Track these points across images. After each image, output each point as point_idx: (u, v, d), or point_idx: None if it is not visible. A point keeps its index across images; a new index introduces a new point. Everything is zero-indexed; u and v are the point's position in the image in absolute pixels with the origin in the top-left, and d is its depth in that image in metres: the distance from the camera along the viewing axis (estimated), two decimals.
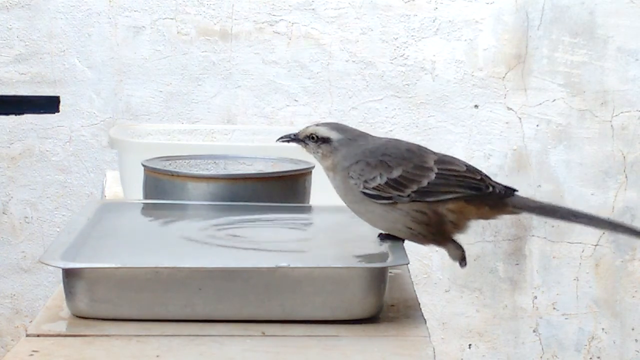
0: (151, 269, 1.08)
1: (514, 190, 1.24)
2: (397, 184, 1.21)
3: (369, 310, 1.11)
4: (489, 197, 1.22)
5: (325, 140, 1.27)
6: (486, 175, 1.24)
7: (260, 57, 2.71)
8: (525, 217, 2.71)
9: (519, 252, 2.75)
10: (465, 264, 1.24)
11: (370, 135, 1.29)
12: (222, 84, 2.72)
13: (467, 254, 1.24)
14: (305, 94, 2.72)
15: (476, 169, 1.24)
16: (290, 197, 1.41)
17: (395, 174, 1.21)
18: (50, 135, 2.72)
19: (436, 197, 1.21)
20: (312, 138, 1.28)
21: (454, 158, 1.25)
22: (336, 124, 1.30)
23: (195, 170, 1.44)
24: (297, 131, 1.30)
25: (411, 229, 1.21)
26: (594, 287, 2.76)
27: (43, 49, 2.70)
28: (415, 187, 1.21)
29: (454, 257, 1.24)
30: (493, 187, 1.22)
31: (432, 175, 1.21)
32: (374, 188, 1.21)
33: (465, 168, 1.23)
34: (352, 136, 1.27)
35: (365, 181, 1.22)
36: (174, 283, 1.08)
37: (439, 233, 1.21)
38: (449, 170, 1.22)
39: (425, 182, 1.21)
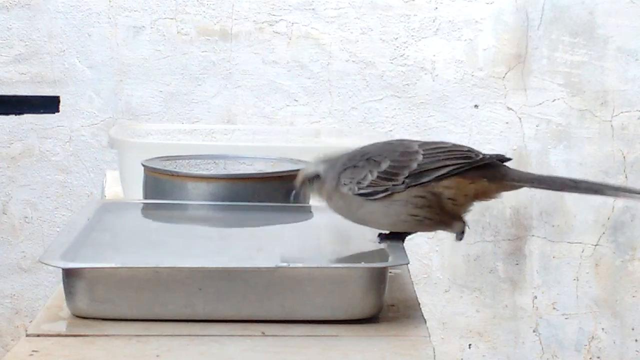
0: (151, 269, 1.08)
1: (506, 158, 1.25)
2: (388, 175, 1.22)
3: (368, 310, 1.11)
4: (483, 167, 1.23)
5: (316, 177, 1.27)
6: (473, 148, 1.25)
7: (260, 57, 2.71)
8: (525, 216, 2.71)
9: (519, 252, 2.75)
10: (462, 238, 1.24)
11: (350, 149, 1.29)
12: (222, 84, 2.72)
13: (467, 253, 1.24)
14: (305, 94, 2.72)
15: (462, 144, 1.25)
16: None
17: (384, 166, 1.22)
18: (50, 135, 2.72)
19: (429, 175, 1.21)
20: (308, 181, 1.29)
21: (438, 140, 1.27)
22: (321, 156, 1.31)
23: (195, 170, 1.45)
24: (296, 184, 1.31)
25: (416, 215, 1.21)
26: (594, 287, 2.76)
27: (43, 49, 2.70)
28: (406, 173, 1.21)
29: (456, 229, 1.24)
30: (483, 155, 1.23)
31: (420, 157, 1.22)
32: (368, 186, 1.22)
33: (451, 144, 1.25)
34: (333, 159, 1.27)
35: (358, 182, 1.22)
36: (174, 283, 1.08)
37: (443, 213, 1.22)
38: (435, 148, 1.23)
39: (414, 165, 1.22)
